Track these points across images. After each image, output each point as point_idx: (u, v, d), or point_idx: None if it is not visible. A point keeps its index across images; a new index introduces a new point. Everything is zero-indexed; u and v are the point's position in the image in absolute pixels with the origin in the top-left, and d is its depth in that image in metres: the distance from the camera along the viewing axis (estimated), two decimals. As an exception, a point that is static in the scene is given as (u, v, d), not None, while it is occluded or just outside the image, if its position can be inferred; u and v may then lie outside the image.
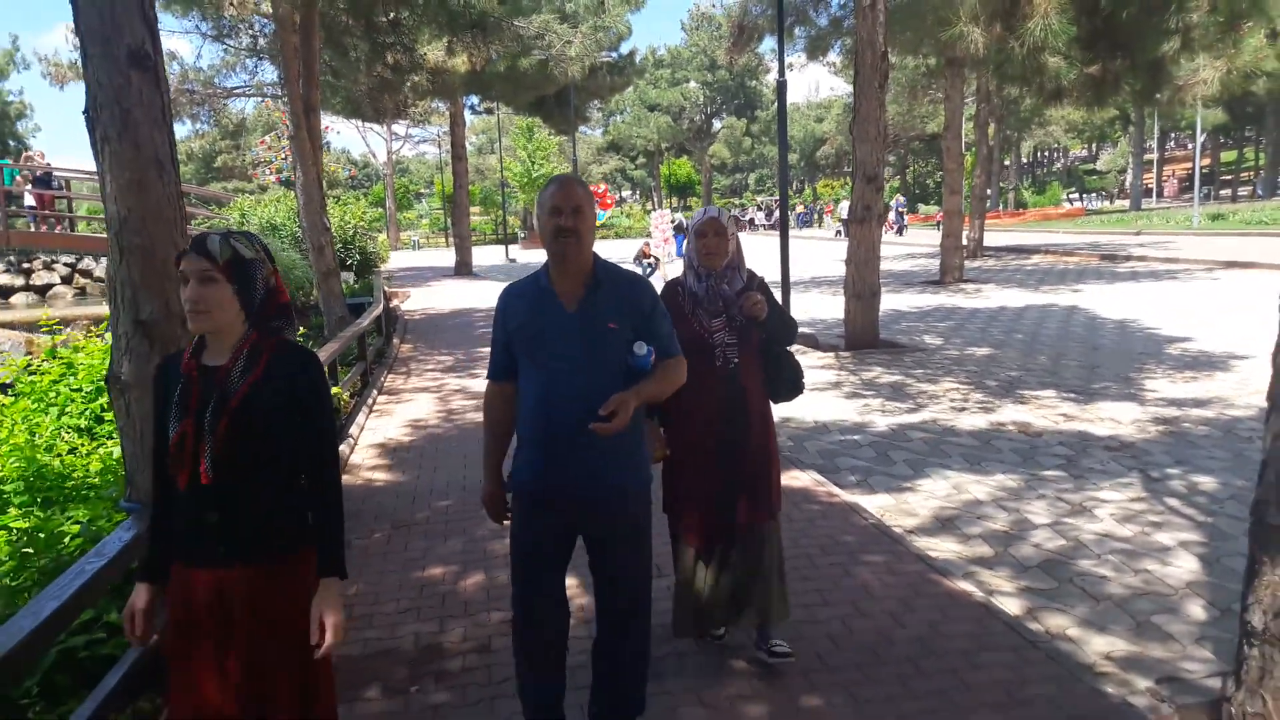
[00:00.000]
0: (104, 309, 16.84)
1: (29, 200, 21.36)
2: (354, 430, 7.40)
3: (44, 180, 22.08)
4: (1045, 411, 7.51)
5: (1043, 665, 3.38)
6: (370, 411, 8.41)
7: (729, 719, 3.10)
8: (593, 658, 2.79)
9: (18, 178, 21.66)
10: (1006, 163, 55.60)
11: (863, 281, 10.69)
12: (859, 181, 10.56)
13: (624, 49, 29.16)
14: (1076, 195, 57.41)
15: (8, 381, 7.53)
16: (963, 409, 7.72)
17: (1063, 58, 7.57)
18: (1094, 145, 74.09)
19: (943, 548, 4.77)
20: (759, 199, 67.54)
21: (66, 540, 3.79)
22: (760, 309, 3.18)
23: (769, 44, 30.05)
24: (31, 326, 13.92)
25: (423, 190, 76.74)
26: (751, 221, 52.43)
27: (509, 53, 14.29)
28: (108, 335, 7.22)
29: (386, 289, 14.33)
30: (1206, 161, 57.32)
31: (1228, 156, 59.67)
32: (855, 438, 7.00)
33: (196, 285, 2.05)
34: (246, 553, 2.09)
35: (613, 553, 2.66)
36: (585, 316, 2.55)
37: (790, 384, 3.44)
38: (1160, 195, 54.88)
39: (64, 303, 20.59)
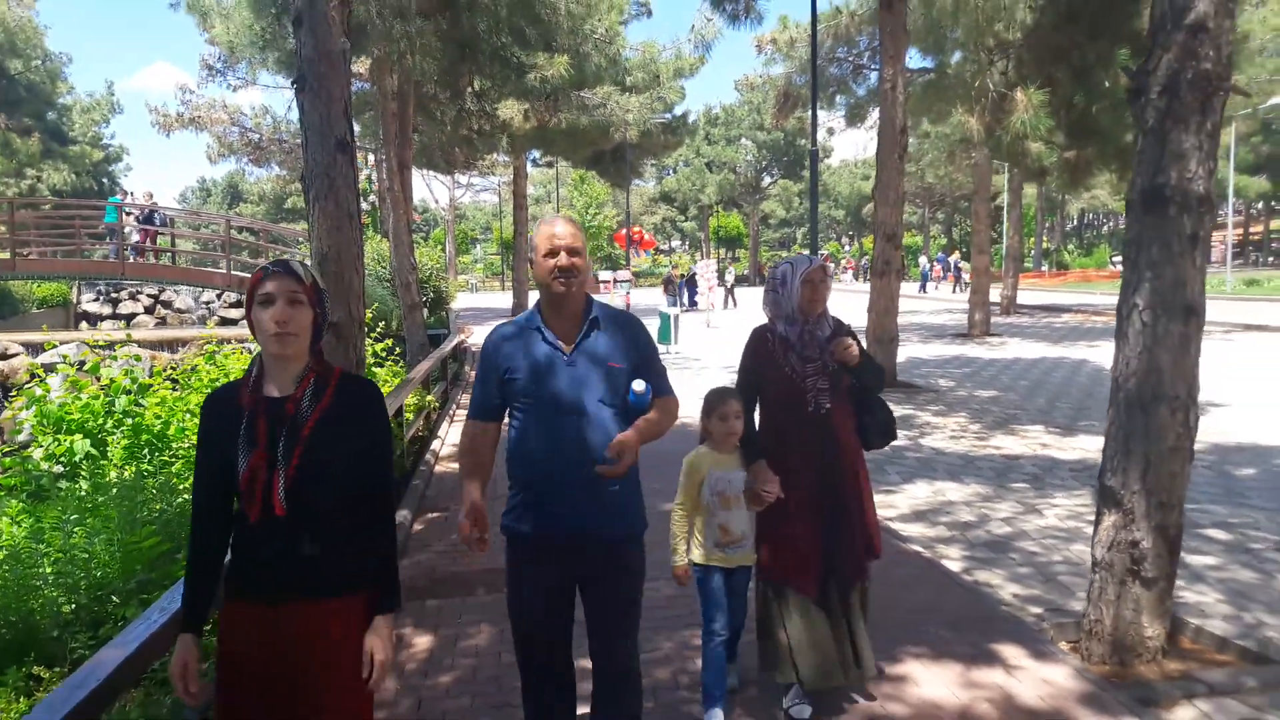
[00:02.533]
0: (192, 332, 18.51)
1: (134, 236, 23.61)
2: (441, 432, 8.93)
3: (149, 218, 24.36)
4: (1028, 441, 8.72)
5: (960, 594, 4.66)
6: (451, 421, 9.94)
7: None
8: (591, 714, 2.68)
9: (127, 216, 23.88)
10: (1049, 225, 56.38)
11: (882, 328, 11.97)
12: (879, 240, 11.92)
13: (679, 110, 30.99)
14: (1120, 258, 57.81)
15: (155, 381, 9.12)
16: (958, 437, 8.96)
17: (1044, 144, 8.87)
18: (1144, 209, 74.24)
19: (911, 530, 6.05)
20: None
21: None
22: (852, 353, 3.22)
23: (818, 106, 31.65)
24: (156, 345, 15.69)
25: (478, 236, 79.55)
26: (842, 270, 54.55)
27: (574, 116, 16.02)
28: (225, 350, 8.79)
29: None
30: (1259, 229, 57.46)
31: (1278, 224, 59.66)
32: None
33: (285, 306, 2.01)
34: (311, 588, 2.03)
35: (611, 600, 2.57)
36: (583, 357, 2.50)
37: (883, 429, 3.43)
38: (1209, 261, 54.98)
39: (145, 330, 22.62)
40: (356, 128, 21.91)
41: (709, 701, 3.24)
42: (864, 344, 3.48)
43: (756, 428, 3.38)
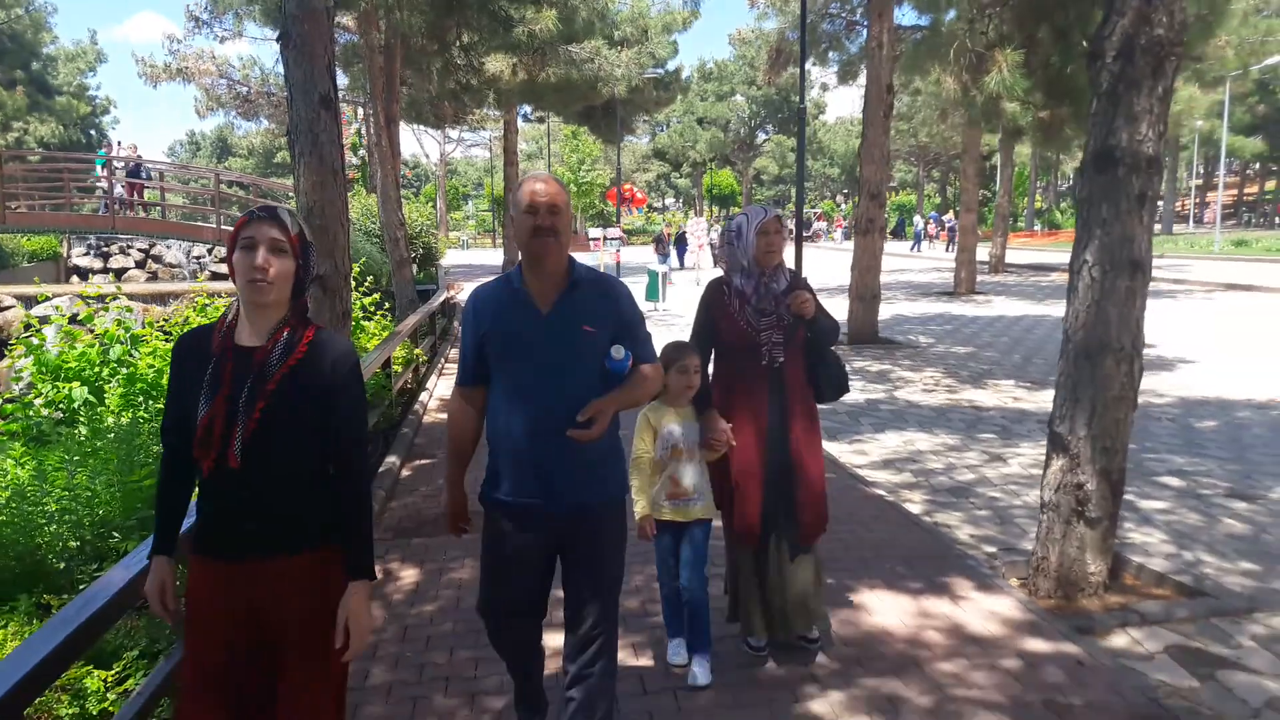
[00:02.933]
0: (184, 286, 18.59)
1: (118, 190, 23.52)
2: (429, 385, 9.18)
3: (134, 171, 24.25)
4: (1000, 395, 8.98)
5: (917, 532, 4.92)
6: (439, 375, 10.16)
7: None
8: (565, 677, 2.62)
9: (105, 168, 23.71)
10: (1044, 184, 56.36)
11: (864, 285, 12.17)
12: (864, 198, 12.07)
13: (671, 66, 30.79)
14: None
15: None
16: (931, 391, 9.21)
17: (1020, 104, 9.00)
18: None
19: (878, 476, 6.31)
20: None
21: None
22: (808, 306, 3.21)
23: (811, 62, 31.46)
24: (147, 298, 15.81)
25: (470, 192, 79.10)
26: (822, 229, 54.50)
27: (563, 71, 16.02)
28: (216, 303, 8.93)
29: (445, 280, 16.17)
30: (1253, 189, 57.52)
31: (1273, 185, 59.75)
32: (834, 407, 8.52)
33: (267, 253, 1.94)
34: (269, 545, 1.98)
35: (587, 568, 2.53)
36: (560, 319, 2.44)
37: (836, 383, 3.44)
38: (1200, 221, 55.18)
39: (137, 283, 22.69)
40: (344, 81, 21.83)
41: (671, 632, 3.48)
42: (822, 299, 3.47)
43: (710, 379, 3.38)
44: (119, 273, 25.43)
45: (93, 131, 48.97)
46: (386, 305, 13.80)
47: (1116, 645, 3.80)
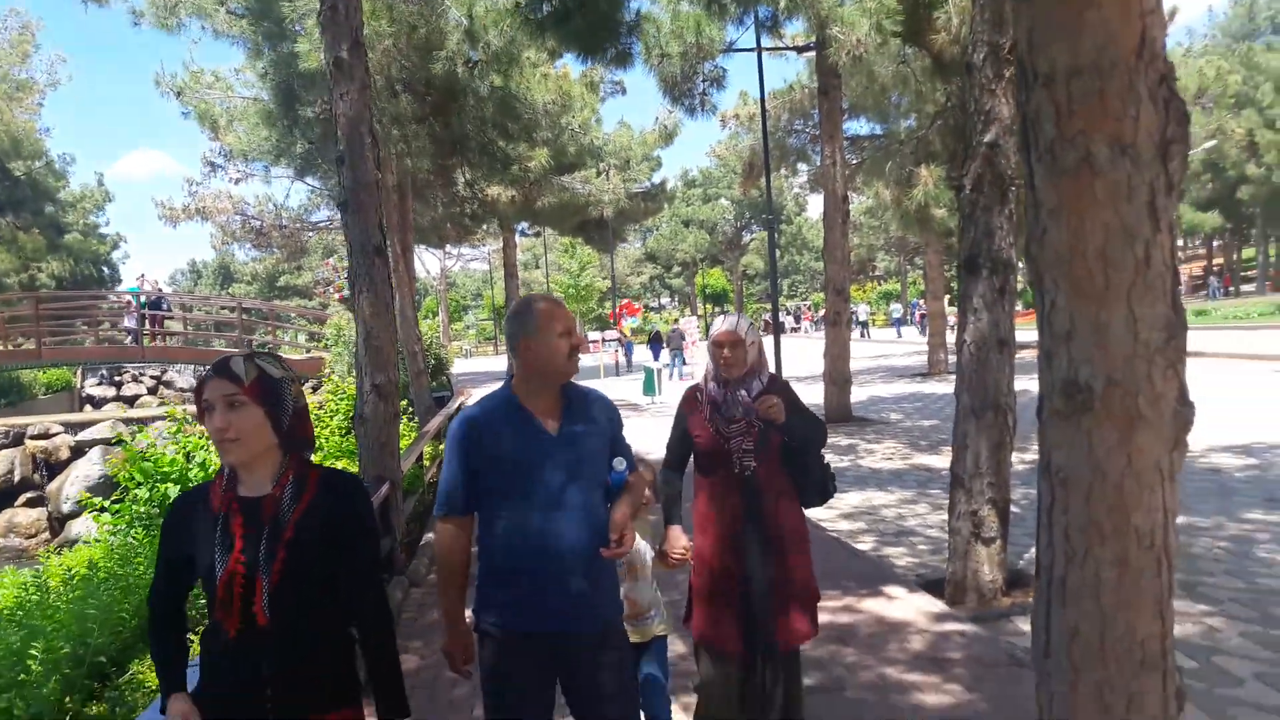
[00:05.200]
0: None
1: (128, 321, 24.97)
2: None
3: (156, 303, 25.95)
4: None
5: (864, 562, 6.16)
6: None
7: None
8: None
9: (134, 302, 25.35)
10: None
11: (837, 371, 13.56)
12: (830, 294, 13.59)
13: (656, 178, 33.03)
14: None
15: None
16: (890, 458, 10.49)
17: (947, 210, 10.55)
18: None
19: (838, 526, 7.54)
20: (788, 304, 71.02)
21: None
22: (775, 412, 3.07)
23: (783, 171, 33.77)
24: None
25: (469, 303, 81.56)
26: (796, 320, 56.38)
27: (556, 198, 17.89)
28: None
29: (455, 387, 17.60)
30: (1220, 261, 59.77)
31: (1249, 253, 62.09)
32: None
33: (224, 411, 1.88)
34: (306, 705, 1.91)
35: (598, 694, 2.42)
36: (568, 438, 2.42)
37: (819, 487, 3.32)
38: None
39: (148, 410, 24.07)
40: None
41: None
42: (802, 395, 3.46)
43: (681, 488, 3.36)
44: (130, 400, 26.78)
45: (104, 266, 51.31)
46: (410, 410, 15.17)
47: (1000, 627, 5.00)
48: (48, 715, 3.88)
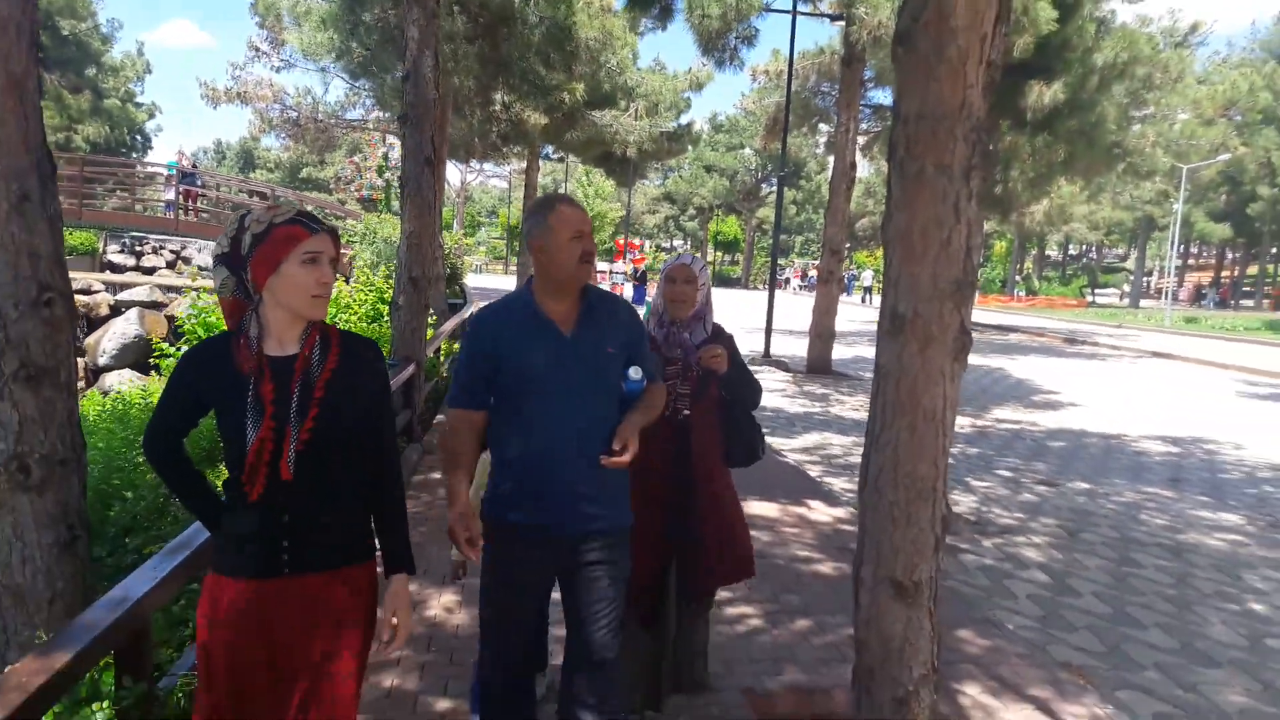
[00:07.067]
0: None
1: (168, 194, 25.96)
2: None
3: (189, 178, 26.81)
4: (912, 416, 11.36)
5: (804, 481, 7.28)
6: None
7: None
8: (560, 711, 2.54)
9: (170, 175, 26.27)
10: (1034, 253, 59.30)
11: (823, 325, 14.60)
12: (826, 253, 14.55)
13: (684, 119, 33.55)
14: (1089, 289, 60.73)
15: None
16: (857, 410, 11.61)
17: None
18: (1130, 246, 77.67)
19: (792, 456, 8.67)
20: (798, 262, 71.54)
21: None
22: (719, 362, 3.07)
23: (804, 130, 34.30)
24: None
25: (484, 220, 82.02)
26: (787, 280, 56.71)
27: (586, 132, 18.69)
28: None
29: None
30: (1228, 273, 60.38)
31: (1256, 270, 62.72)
32: (777, 416, 10.90)
33: (329, 268, 1.92)
34: (324, 559, 1.97)
35: (595, 595, 2.46)
36: (584, 342, 2.43)
37: (746, 448, 3.32)
38: (1175, 298, 57.83)
39: (169, 279, 25.09)
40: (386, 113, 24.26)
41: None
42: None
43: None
44: (149, 271, 27.78)
45: (138, 135, 51.88)
46: (429, 310, 16.25)
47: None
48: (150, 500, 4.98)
